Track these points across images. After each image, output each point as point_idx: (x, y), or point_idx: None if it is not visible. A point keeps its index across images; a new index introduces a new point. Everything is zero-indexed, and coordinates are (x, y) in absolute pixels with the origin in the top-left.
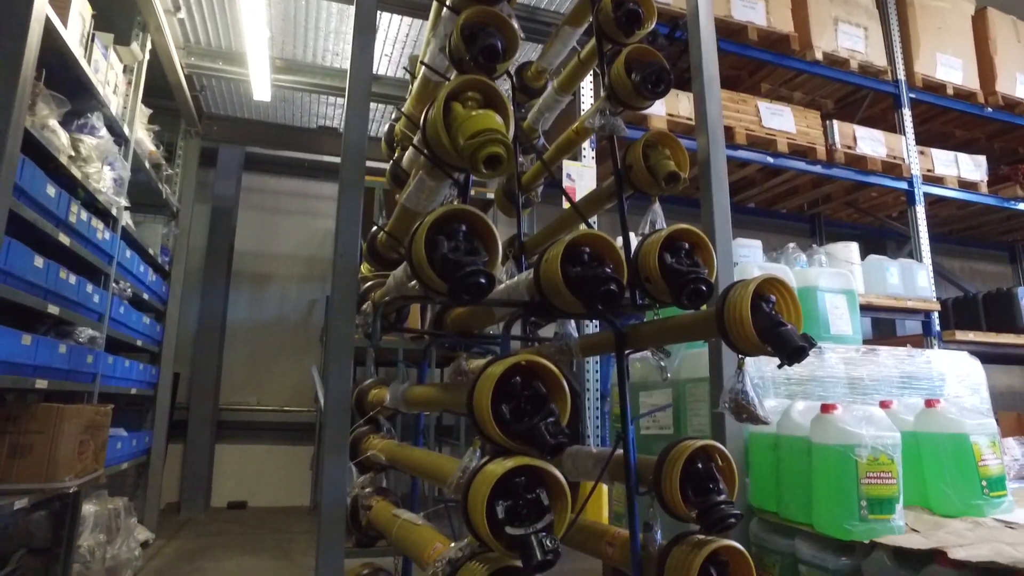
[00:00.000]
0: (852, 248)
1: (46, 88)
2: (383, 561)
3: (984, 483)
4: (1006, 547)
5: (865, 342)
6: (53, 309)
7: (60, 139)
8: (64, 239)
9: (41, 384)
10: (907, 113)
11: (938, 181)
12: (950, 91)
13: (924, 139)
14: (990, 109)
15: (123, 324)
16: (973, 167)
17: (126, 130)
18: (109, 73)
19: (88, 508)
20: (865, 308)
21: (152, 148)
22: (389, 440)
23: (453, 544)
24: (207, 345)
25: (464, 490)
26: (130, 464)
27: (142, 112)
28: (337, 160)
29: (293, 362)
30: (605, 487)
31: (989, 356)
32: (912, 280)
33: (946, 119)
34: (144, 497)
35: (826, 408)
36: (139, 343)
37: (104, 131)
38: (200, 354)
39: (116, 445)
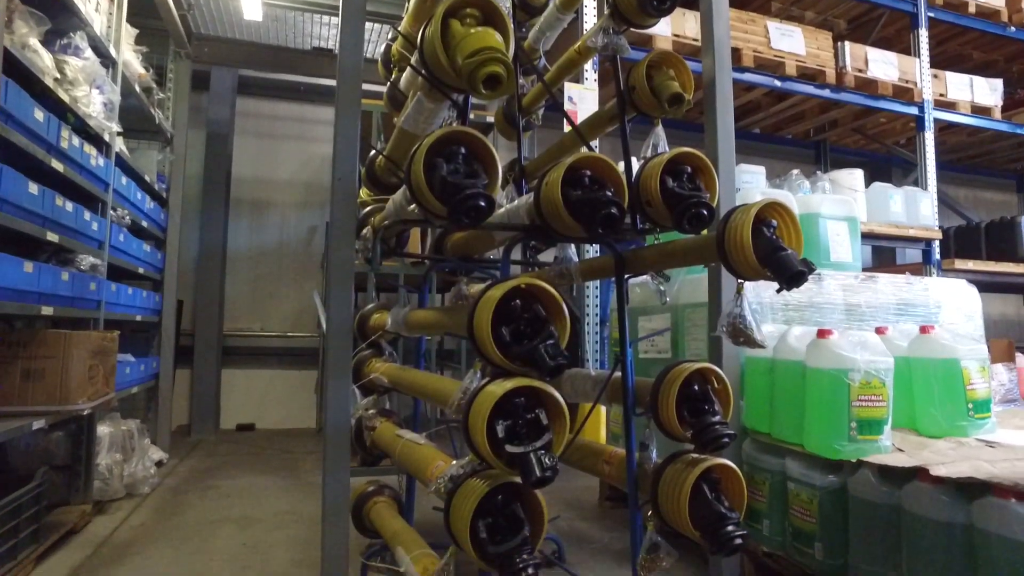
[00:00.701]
0: (857, 175)
1: (22, 4)
2: (387, 479)
3: (970, 406)
4: (985, 464)
5: (865, 270)
6: (52, 237)
7: (43, 60)
8: (57, 165)
9: (47, 311)
10: (924, 33)
11: (950, 106)
12: (972, 9)
13: (939, 62)
14: (1014, 28)
15: (124, 252)
16: (988, 91)
17: (112, 51)
18: None
19: (103, 429)
20: (867, 236)
21: (141, 71)
22: (391, 364)
23: (455, 462)
24: (209, 272)
25: (465, 410)
26: (140, 388)
27: (128, 32)
28: (333, 83)
29: (295, 288)
30: (603, 409)
31: (987, 285)
32: (915, 208)
33: (964, 40)
34: (155, 420)
35: (822, 333)
36: (141, 271)
37: (89, 52)
38: (202, 281)
39: (125, 370)
